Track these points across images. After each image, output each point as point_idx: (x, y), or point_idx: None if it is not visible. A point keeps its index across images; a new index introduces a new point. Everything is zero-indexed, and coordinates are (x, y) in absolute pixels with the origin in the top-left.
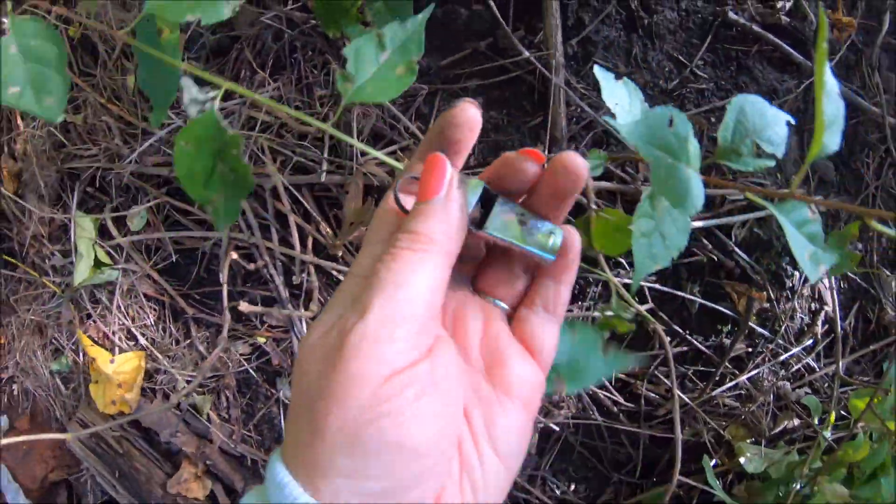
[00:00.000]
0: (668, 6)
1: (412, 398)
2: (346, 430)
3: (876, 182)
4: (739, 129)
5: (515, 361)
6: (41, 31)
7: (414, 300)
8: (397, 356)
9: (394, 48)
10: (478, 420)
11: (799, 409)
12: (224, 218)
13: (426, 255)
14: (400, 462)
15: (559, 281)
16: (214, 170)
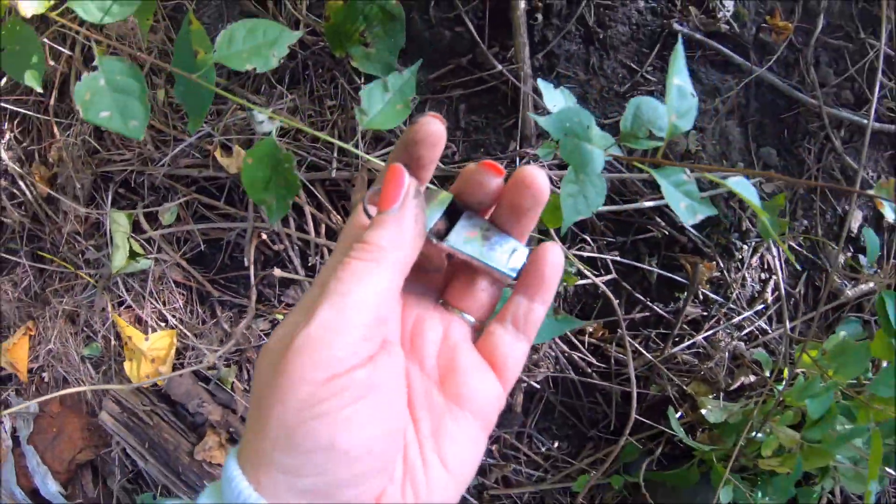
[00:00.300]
0: (620, 21)
1: (347, 402)
2: (285, 428)
3: (817, 165)
4: (636, 120)
5: (471, 373)
6: (125, 68)
7: (358, 308)
8: (336, 361)
9: (394, 91)
10: (425, 427)
11: (755, 366)
12: (276, 214)
13: (373, 265)
14: (331, 463)
15: (532, 299)
16: (271, 179)
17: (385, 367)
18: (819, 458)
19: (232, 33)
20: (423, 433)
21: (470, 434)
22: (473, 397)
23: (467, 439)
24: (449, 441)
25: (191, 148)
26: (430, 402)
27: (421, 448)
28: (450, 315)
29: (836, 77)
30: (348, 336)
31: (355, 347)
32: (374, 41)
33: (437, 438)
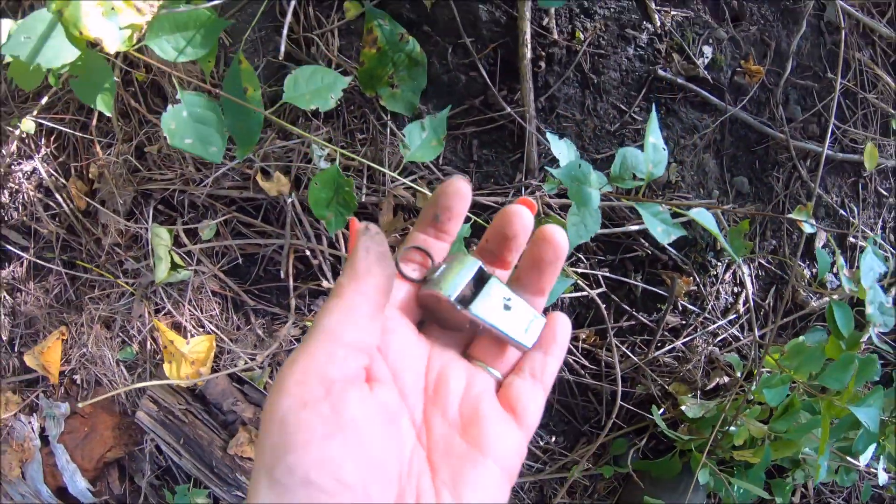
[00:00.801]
0: (612, 68)
1: (317, 438)
2: (265, 464)
3: (785, 191)
4: (623, 166)
5: (493, 422)
6: (203, 102)
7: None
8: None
9: (430, 130)
10: (444, 474)
11: (728, 368)
12: (334, 228)
13: (335, 300)
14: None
15: (547, 353)
16: (333, 199)
17: (361, 402)
18: (785, 448)
19: (296, 77)
20: (442, 480)
21: (492, 482)
22: (496, 445)
23: (489, 487)
24: (469, 489)
25: (231, 171)
26: (450, 450)
27: (437, 494)
28: (474, 367)
29: (804, 113)
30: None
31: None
32: (400, 83)
33: (457, 486)
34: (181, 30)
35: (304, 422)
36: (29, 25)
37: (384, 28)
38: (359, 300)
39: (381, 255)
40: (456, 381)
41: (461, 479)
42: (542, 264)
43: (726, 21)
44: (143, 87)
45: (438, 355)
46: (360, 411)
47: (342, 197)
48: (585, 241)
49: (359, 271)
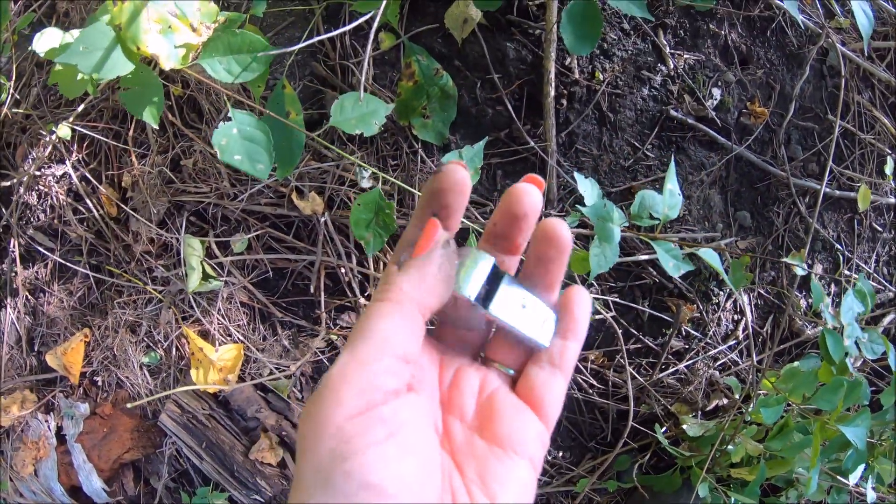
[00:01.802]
0: (627, 107)
1: (377, 440)
2: (318, 472)
3: (784, 226)
4: (642, 206)
5: (510, 414)
6: (253, 121)
7: (378, 345)
8: (355, 397)
9: (467, 160)
10: (471, 472)
11: (727, 391)
12: (372, 248)
13: (394, 305)
14: (375, 499)
15: (565, 338)
16: (373, 220)
17: (413, 406)
18: (779, 466)
19: (342, 103)
20: (470, 478)
21: (517, 475)
22: (515, 437)
23: (515, 480)
24: (497, 483)
25: (266, 189)
26: (472, 449)
27: (469, 492)
28: (486, 368)
29: (805, 152)
30: (367, 371)
31: (375, 382)
32: (432, 114)
33: (485, 481)
34: (234, 52)
35: (363, 426)
36: (87, 37)
37: (422, 63)
38: (415, 313)
39: (449, 279)
40: (469, 386)
41: (488, 476)
42: (546, 260)
43: (735, 64)
44: (180, 101)
45: (450, 362)
46: (411, 415)
47: (382, 219)
48: (605, 270)
49: (425, 284)
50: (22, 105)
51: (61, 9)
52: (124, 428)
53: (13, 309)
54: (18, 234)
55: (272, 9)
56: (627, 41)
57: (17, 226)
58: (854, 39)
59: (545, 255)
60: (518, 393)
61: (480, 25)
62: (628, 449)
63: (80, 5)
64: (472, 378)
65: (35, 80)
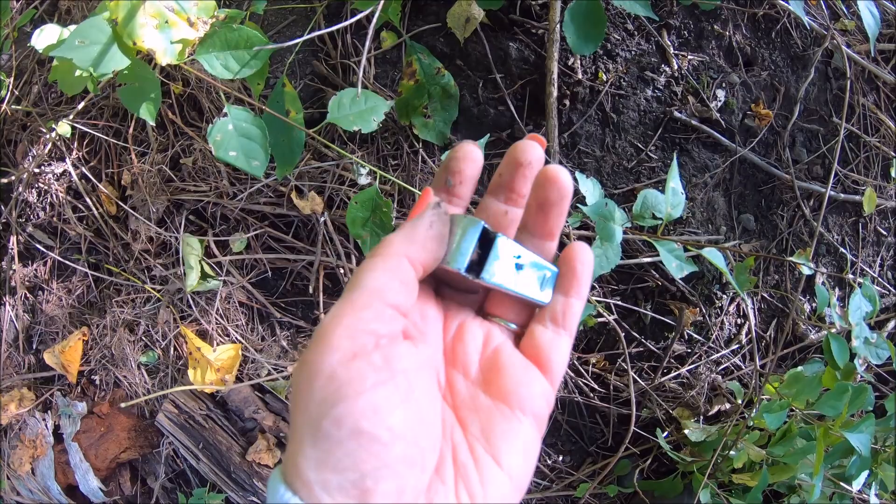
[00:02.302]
0: (630, 108)
1: (368, 387)
2: (310, 421)
3: (789, 229)
4: (644, 205)
5: (515, 371)
6: (249, 118)
7: (366, 294)
8: (344, 340)
9: None
10: (474, 428)
11: (730, 395)
12: (369, 247)
13: (381, 259)
14: (363, 451)
15: (568, 295)
16: (369, 218)
17: (410, 355)
18: (782, 472)
19: (340, 99)
20: (473, 433)
21: (522, 432)
22: (520, 394)
23: (519, 437)
24: (501, 439)
25: (266, 188)
26: (476, 405)
27: (471, 449)
28: (490, 322)
29: (810, 155)
30: (356, 317)
31: (365, 326)
32: (433, 114)
33: (489, 438)
34: (232, 48)
35: (355, 372)
36: (84, 31)
37: (423, 62)
38: (404, 266)
39: (441, 237)
40: (473, 341)
41: (491, 432)
42: (548, 205)
43: (739, 66)
44: (180, 99)
45: (454, 317)
46: (409, 363)
47: (379, 217)
48: (607, 271)
49: (415, 239)
50: (23, 102)
51: (63, 6)
52: (121, 427)
53: (12, 307)
54: (18, 231)
55: (273, 6)
56: (631, 41)
57: (17, 223)
58: (859, 41)
59: (546, 200)
60: (522, 351)
61: (483, 25)
62: (629, 454)
63: (81, 3)
64: (475, 333)
65: (36, 78)
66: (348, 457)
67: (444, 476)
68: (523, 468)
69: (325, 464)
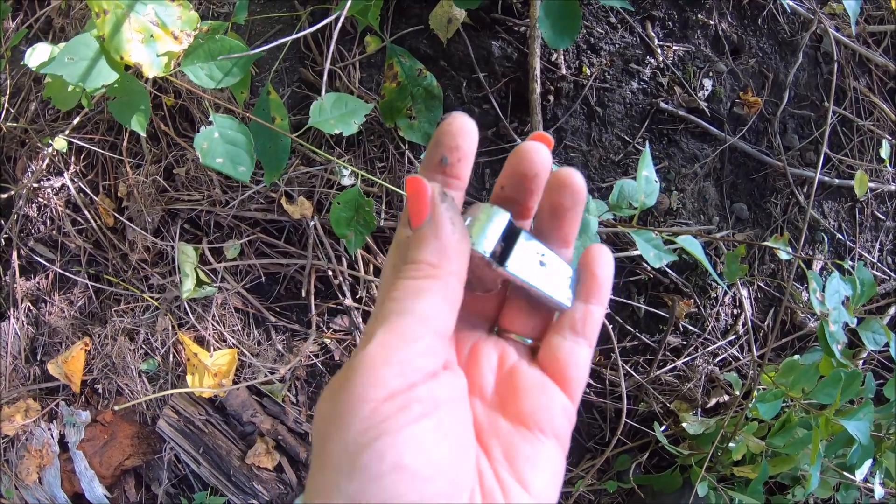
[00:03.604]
0: (616, 101)
1: (411, 419)
2: (346, 453)
3: (783, 217)
4: (621, 195)
5: (532, 390)
6: (234, 125)
7: (416, 324)
8: (394, 378)
9: None
10: (497, 453)
11: (728, 387)
12: (354, 246)
13: (427, 281)
14: (401, 485)
15: (588, 301)
16: (353, 218)
17: (449, 385)
18: (783, 463)
19: (321, 104)
20: (496, 459)
21: (545, 454)
22: (538, 414)
23: (543, 459)
24: (524, 463)
25: (257, 195)
26: (496, 429)
27: (496, 475)
28: (503, 341)
29: (801, 141)
30: (408, 351)
31: (415, 363)
32: (417, 115)
33: (512, 462)
34: (215, 58)
35: (400, 405)
36: (72, 48)
37: (404, 63)
38: (455, 287)
39: (464, 231)
40: (488, 362)
41: (514, 456)
42: (562, 211)
43: (726, 54)
44: (172, 111)
45: (466, 338)
46: (451, 394)
47: (362, 217)
48: None
49: (450, 249)
50: (20, 120)
51: (57, 25)
52: (124, 435)
53: (16, 319)
54: (19, 245)
55: (259, 16)
56: (615, 34)
57: (18, 238)
58: (848, 24)
59: (559, 206)
60: (540, 364)
61: (465, 25)
62: (627, 448)
63: (75, 21)
64: (489, 353)
65: (32, 96)
66: (385, 491)
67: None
68: (551, 490)
69: (361, 496)
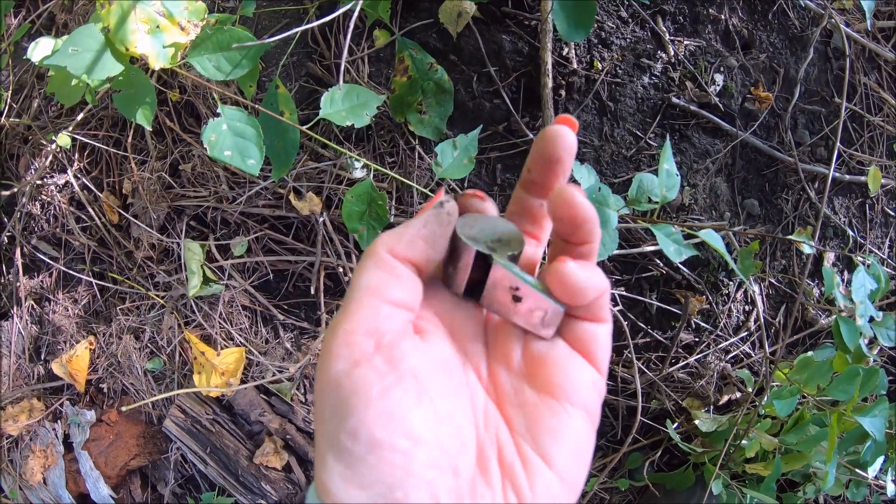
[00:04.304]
0: (628, 96)
1: (376, 395)
2: (328, 435)
3: (794, 213)
4: (640, 189)
5: (561, 362)
6: (243, 117)
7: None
8: (342, 350)
9: (461, 149)
10: (520, 425)
11: (740, 384)
12: (366, 242)
13: (369, 258)
14: (385, 462)
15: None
16: (365, 212)
17: (416, 352)
18: (795, 461)
19: (332, 95)
20: (519, 431)
21: (572, 426)
22: (568, 385)
23: (570, 433)
24: (550, 437)
25: (265, 190)
26: (521, 400)
27: (518, 448)
28: None
29: (812, 137)
30: (353, 322)
31: (362, 329)
32: (428, 109)
33: (536, 436)
34: (223, 50)
35: (359, 380)
36: (77, 39)
37: (415, 57)
38: (392, 261)
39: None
40: (514, 332)
41: (539, 429)
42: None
43: (737, 49)
44: (178, 107)
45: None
46: (417, 360)
47: (375, 211)
48: (604, 259)
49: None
50: (23, 116)
51: (60, 20)
52: (130, 434)
53: (20, 318)
54: (23, 243)
55: (266, 9)
56: (626, 29)
57: (21, 236)
58: (858, 20)
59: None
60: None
61: (475, 19)
62: (640, 446)
63: (78, 17)
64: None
65: (35, 92)
66: (372, 471)
67: (489, 478)
68: (576, 467)
69: (350, 480)
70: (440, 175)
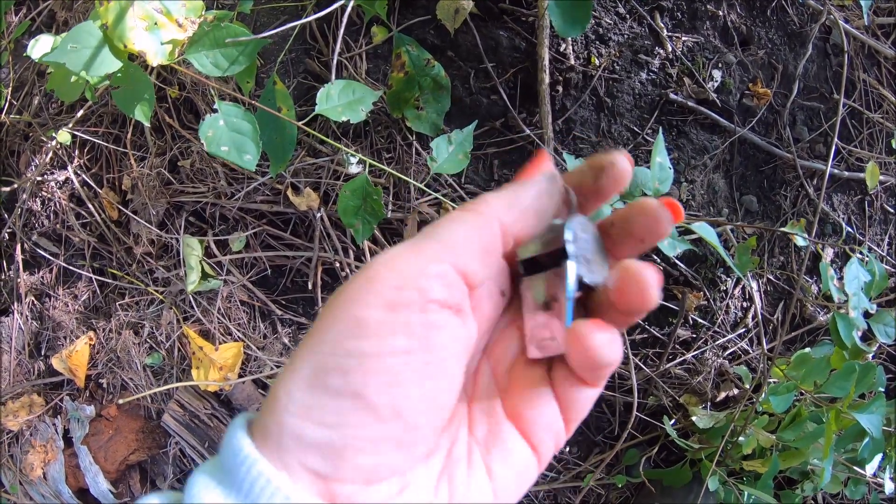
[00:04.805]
0: (625, 92)
1: (391, 350)
2: (317, 361)
3: (793, 209)
4: (633, 183)
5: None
6: (240, 113)
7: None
8: (388, 289)
9: (456, 144)
10: (480, 431)
11: (737, 381)
12: (362, 236)
13: (471, 214)
14: (356, 417)
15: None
16: (361, 207)
17: (448, 332)
18: (793, 458)
19: (328, 91)
20: (477, 436)
21: (524, 457)
22: (534, 427)
23: (520, 460)
24: (500, 454)
25: (262, 186)
26: (490, 409)
27: (469, 449)
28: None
29: (811, 133)
30: (417, 265)
31: (419, 281)
32: (425, 105)
33: (489, 447)
34: (220, 46)
35: (387, 327)
36: (76, 36)
37: (412, 53)
38: (494, 230)
39: (544, 213)
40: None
41: (494, 442)
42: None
43: (735, 45)
44: (176, 103)
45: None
46: (447, 340)
47: (370, 205)
48: None
49: (517, 204)
50: (24, 113)
51: (61, 18)
52: (129, 429)
53: (20, 314)
54: (23, 240)
55: (265, 6)
56: (623, 25)
57: (22, 232)
58: (857, 16)
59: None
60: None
61: (472, 15)
62: (637, 442)
63: (78, 14)
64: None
65: (36, 89)
66: (338, 415)
67: (430, 464)
68: (513, 490)
69: (310, 415)
70: (435, 170)
